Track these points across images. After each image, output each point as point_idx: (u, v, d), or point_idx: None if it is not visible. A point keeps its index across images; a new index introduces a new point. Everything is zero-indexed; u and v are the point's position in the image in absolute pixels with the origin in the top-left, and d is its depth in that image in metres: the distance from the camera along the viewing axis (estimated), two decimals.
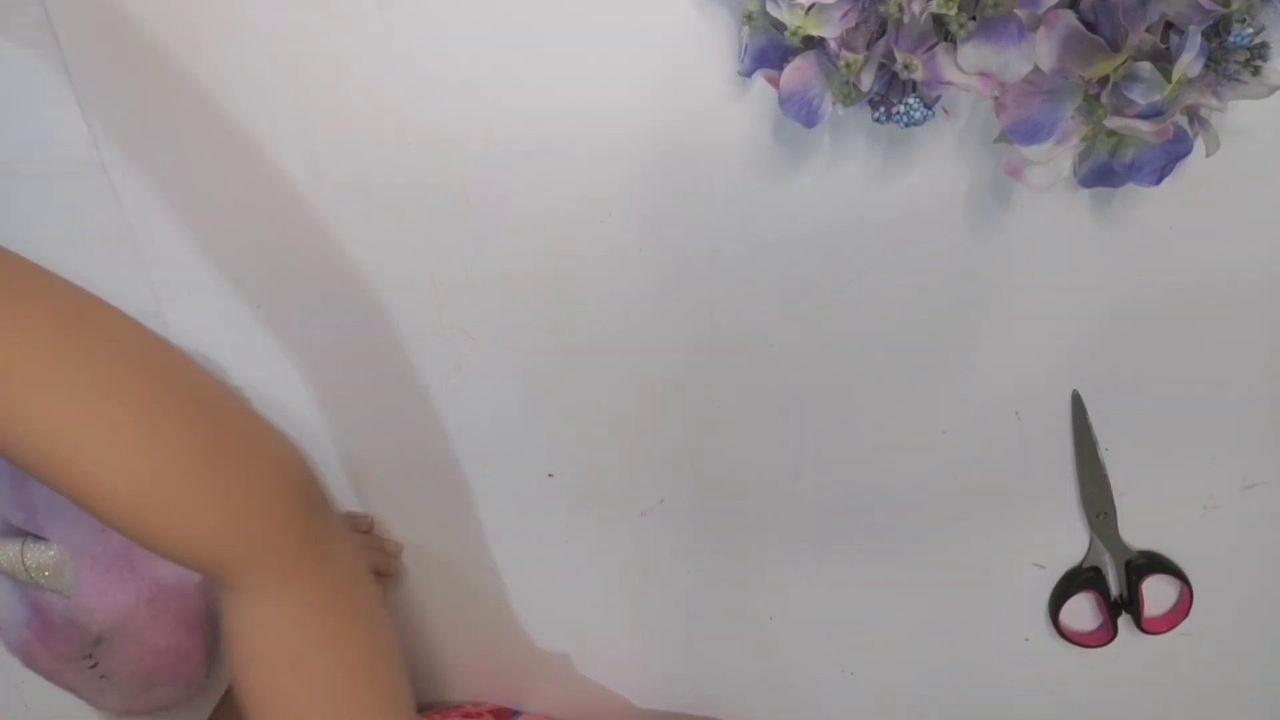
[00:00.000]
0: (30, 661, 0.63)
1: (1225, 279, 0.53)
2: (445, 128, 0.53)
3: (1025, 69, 0.42)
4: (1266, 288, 0.53)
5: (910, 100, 0.43)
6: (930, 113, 0.43)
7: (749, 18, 0.45)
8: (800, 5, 0.43)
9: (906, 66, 0.43)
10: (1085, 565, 0.60)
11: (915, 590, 0.64)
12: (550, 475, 0.63)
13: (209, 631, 0.64)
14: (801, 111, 0.45)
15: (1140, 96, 0.43)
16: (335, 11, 0.51)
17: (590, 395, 0.60)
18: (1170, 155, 0.46)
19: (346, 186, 0.55)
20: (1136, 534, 0.59)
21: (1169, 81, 0.42)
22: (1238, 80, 0.44)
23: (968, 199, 0.52)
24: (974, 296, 0.55)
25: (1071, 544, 0.61)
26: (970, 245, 0.54)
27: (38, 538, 0.59)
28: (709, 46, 0.50)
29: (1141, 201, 0.52)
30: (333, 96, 0.52)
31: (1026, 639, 0.64)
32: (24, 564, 0.58)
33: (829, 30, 0.43)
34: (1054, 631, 0.63)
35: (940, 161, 0.51)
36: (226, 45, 0.52)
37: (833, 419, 0.59)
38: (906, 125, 0.44)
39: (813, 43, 0.44)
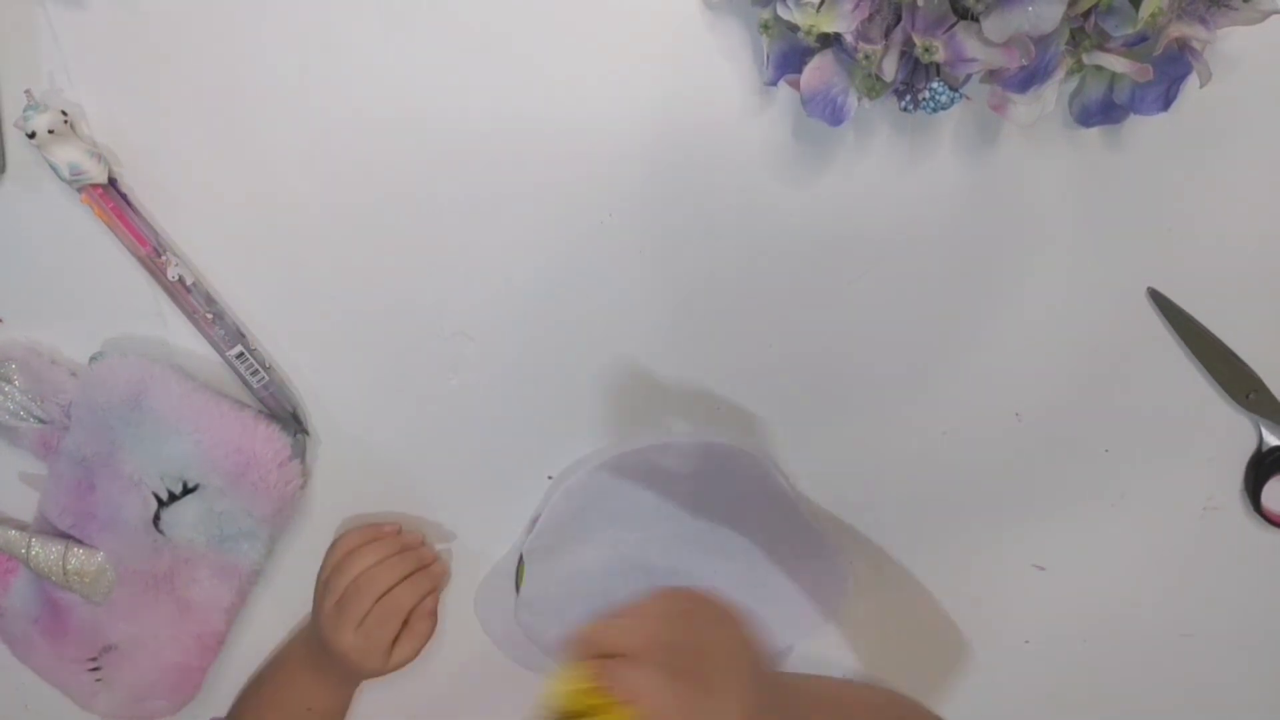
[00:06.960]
0: (25, 654, 0.63)
1: (1228, 275, 0.55)
2: (447, 129, 0.52)
3: (1058, 15, 0.41)
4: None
5: (935, 84, 0.43)
6: (957, 95, 0.43)
7: (765, 26, 0.43)
8: (811, 4, 0.42)
9: (927, 50, 0.42)
10: (1266, 448, 0.58)
11: (915, 592, 0.65)
12: (550, 478, 0.62)
13: (219, 652, 0.64)
14: (826, 110, 0.44)
15: (1113, 29, 0.43)
16: (338, 15, 0.49)
17: (590, 398, 0.60)
18: (1169, 77, 0.46)
19: (345, 188, 0.54)
20: None
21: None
22: (1227, 6, 0.44)
23: (968, 198, 0.53)
24: (973, 296, 0.56)
25: (1067, 544, 0.63)
26: (969, 247, 0.54)
27: (82, 543, 0.59)
28: (718, 52, 0.49)
29: (1151, 201, 0.53)
30: (333, 99, 0.51)
31: (1027, 641, 0.66)
32: (64, 566, 0.58)
33: (843, 25, 0.42)
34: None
35: (942, 159, 0.51)
36: (226, 48, 0.51)
37: (833, 419, 0.60)
38: (934, 110, 0.43)
39: (829, 40, 0.43)
